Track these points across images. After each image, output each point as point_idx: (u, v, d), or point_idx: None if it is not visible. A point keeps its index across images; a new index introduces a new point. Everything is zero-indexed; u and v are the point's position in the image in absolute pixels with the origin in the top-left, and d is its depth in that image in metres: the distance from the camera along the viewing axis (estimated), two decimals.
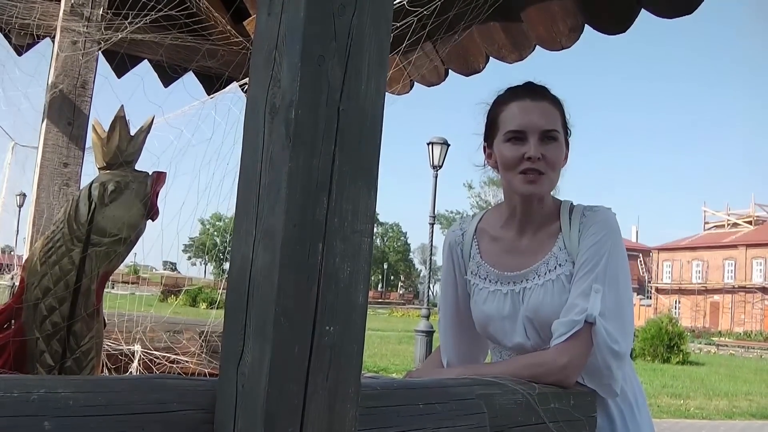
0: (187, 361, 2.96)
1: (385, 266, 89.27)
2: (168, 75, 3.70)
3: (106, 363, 2.61)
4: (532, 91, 1.60)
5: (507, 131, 1.57)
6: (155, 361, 2.87)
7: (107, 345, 2.63)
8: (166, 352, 2.97)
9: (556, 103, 1.61)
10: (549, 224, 1.62)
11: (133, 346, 2.85)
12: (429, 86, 3.30)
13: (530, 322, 1.57)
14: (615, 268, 1.51)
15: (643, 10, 2.26)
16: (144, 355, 2.86)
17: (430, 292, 15.98)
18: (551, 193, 1.66)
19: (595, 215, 1.58)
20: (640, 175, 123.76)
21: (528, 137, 1.54)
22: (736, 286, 50.25)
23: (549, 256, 1.58)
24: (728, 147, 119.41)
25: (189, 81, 3.81)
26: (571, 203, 1.64)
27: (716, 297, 51.94)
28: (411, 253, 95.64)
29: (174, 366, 2.90)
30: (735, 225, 56.39)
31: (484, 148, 1.67)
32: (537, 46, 2.70)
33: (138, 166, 1.65)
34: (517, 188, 1.57)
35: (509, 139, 1.56)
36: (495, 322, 1.62)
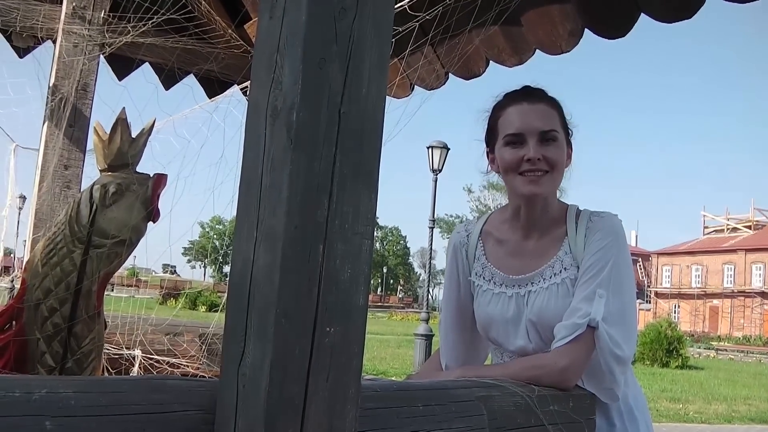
0: (186, 365, 2.96)
1: (385, 270, 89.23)
2: (169, 78, 3.71)
3: (107, 368, 2.60)
4: (528, 95, 1.60)
5: (506, 135, 1.58)
6: (156, 367, 2.87)
7: (107, 350, 2.63)
8: (167, 355, 2.97)
9: (554, 104, 1.61)
10: (555, 228, 1.62)
11: (134, 350, 2.84)
12: (429, 90, 3.31)
13: (533, 325, 1.57)
14: (619, 274, 1.51)
15: (642, 14, 2.27)
16: (144, 360, 2.86)
17: (430, 296, 15.96)
18: (557, 197, 1.66)
19: (602, 221, 1.58)
20: (640, 179, 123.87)
21: (527, 140, 1.55)
22: (736, 290, 50.20)
23: (554, 260, 1.59)
24: (728, 151, 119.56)
25: (190, 84, 3.82)
26: (578, 208, 1.64)
27: (715, 301, 51.89)
28: (410, 257, 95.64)
29: (174, 371, 2.90)
30: (734, 229, 56.31)
31: (487, 153, 1.68)
32: (537, 50, 2.72)
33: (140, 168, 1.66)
34: (518, 189, 1.58)
35: (508, 143, 1.57)
36: (498, 324, 1.63)
